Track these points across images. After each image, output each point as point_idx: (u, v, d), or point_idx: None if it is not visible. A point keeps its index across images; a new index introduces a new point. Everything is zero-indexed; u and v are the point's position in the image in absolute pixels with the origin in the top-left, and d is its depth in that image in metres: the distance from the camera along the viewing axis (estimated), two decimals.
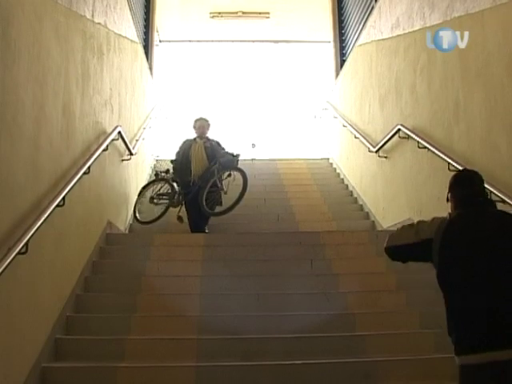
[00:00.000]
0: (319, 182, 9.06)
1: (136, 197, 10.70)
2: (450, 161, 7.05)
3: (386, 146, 9.64)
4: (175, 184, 10.39)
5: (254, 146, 10.08)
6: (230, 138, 16.95)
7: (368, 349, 5.89)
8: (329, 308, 6.60)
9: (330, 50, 15.85)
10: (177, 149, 10.59)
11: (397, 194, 8.29)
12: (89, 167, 6.95)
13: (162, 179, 10.68)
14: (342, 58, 15.02)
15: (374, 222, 10.32)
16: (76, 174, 6.52)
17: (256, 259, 7.63)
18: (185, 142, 10.47)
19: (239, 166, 9.99)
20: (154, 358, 5.73)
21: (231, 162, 10.03)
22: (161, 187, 10.58)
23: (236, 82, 18.22)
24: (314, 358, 5.68)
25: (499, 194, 5.87)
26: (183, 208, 10.15)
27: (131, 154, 10.05)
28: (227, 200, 9.71)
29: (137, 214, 10.34)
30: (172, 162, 10.59)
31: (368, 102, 11.15)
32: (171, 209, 10.23)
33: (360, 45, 12.45)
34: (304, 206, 10.55)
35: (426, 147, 7.85)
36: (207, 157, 10.06)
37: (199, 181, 9.84)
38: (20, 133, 5.19)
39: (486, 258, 3.57)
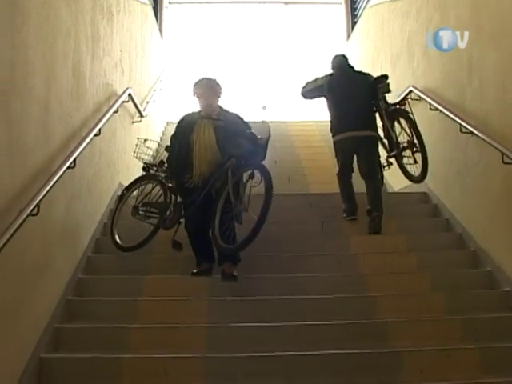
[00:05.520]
0: (330, 143, 8.97)
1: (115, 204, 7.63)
2: (461, 122, 7.00)
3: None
4: (170, 188, 6.85)
5: (264, 108, 9.80)
6: (240, 101, 16.93)
7: (379, 310, 5.91)
8: (340, 269, 6.61)
9: (341, 12, 15.70)
10: (173, 129, 7.06)
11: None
12: (99, 129, 6.92)
13: (153, 177, 7.10)
14: (353, 20, 14.90)
15: (385, 184, 10.28)
16: (87, 135, 6.50)
17: (266, 221, 7.62)
18: (183, 120, 6.86)
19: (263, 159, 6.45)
20: (166, 318, 5.75)
21: (251, 152, 6.26)
22: (149, 191, 7.07)
23: (246, 44, 18.08)
24: (325, 319, 5.69)
25: None
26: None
27: (142, 116, 10.01)
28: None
29: (115, 235, 6.99)
30: (167, 149, 6.93)
31: (380, 64, 11.06)
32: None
33: (371, 6, 12.33)
34: (315, 168, 10.51)
35: (437, 109, 7.79)
36: (219, 144, 6.48)
37: (206, 185, 6.35)
38: (30, 94, 5.17)
39: (348, 90, 7.74)
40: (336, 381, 4.96)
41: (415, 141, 7.44)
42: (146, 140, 7.35)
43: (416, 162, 7.54)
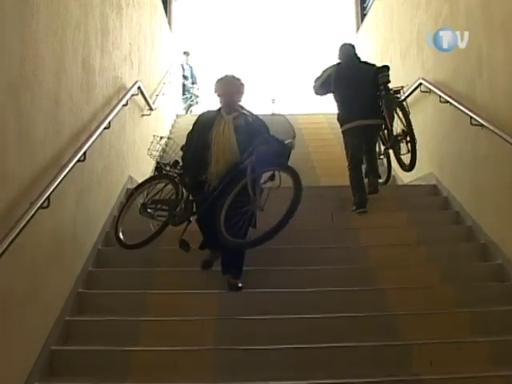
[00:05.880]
0: (339, 136, 8.99)
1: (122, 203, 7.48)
2: (471, 114, 6.97)
3: (407, 100, 9.54)
4: (183, 183, 6.66)
5: (273, 101, 9.77)
6: (249, 94, 16.96)
7: (388, 302, 5.90)
8: (349, 262, 6.61)
9: (350, 4, 15.66)
10: (190, 127, 6.75)
11: (418, 148, 8.22)
12: (109, 122, 6.94)
13: (165, 176, 6.92)
14: (362, 12, 14.83)
15: (394, 176, 10.27)
16: (97, 128, 6.52)
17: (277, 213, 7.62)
18: (202, 118, 6.64)
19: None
20: (176, 311, 5.77)
21: (276, 154, 6.13)
22: (160, 189, 6.91)
23: (255, 36, 18.10)
24: (335, 311, 5.70)
25: None
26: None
27: (151, 109, 10.03)
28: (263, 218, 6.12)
29: (119, 232, 6.82)
30: (182, 148, 6.70)
31: (389, 56, 11.02)
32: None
33: None
34: (325, 161, 10.49)
35: (447, 101, 7.77)
36: (239, 144, 6.24)
37: (220, 184, 6.14)
38: (40, 87, 5.19)
39: (355, 80, 7.93)
40: (346, 373, 4.96)
41: (407, 130, 7.84)
42: (161, 138, 7.21)
43: (409, 151, 7.88)
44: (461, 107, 7.30)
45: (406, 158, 8.08)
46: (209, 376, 5.02)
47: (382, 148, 8.47)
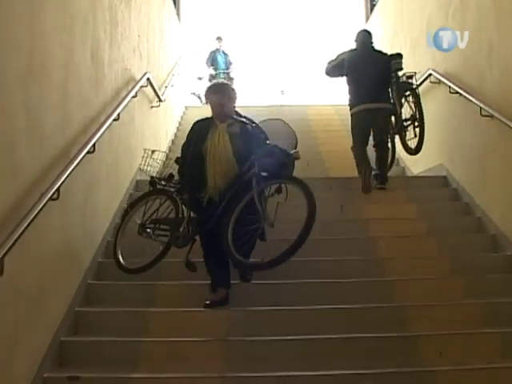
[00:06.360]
0: (349, 127, 9.00)
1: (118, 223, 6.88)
2: (482, 105, 6.96)
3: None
4: (183, 201, 6.16)
5: (282, 92, 9.76)
6: (258, 85, 16.90)
7: (398, 294, 5.90)
8: (359, 253, 6.60)
9: None
10: (185, 138, 6.27)
11: (428, 139, 8.21)
12: (118, 114, 6.94)
13: (162, 192, 6.39)
14: (371, 3, 14.77)
15: (404, 168, 10.27)
16: (106, 120, 6.52)
17: (286, 205, 7.61)
18: (195, 127, 6.13)
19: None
20: (185, 302, 5.78)
21: (280, 165, 5.74)
22: (158, 207, 6.35)
23: (264, 27, 18.04)
24: (345, 303, 5.70)
25: None
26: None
27: (160, 100, 10.02)
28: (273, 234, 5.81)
29: (118, 255, 6.33)
30: (177, 161, 6.25)
31: (399, 47, 10.96)
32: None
33: None
34: (333, 152, 10.48)
35: (457, 92, 7.74)
36: (235, 153, 5.83)
37: (223, 198, 5.70)
38: (49, 80, 5.20)
39: (367, 67, 8.20)
40: (355, 365, 4.95)
41: (417, 115, 8.04)
42: (153, 151, 6.63)
43: (415, 135, 8.09)
44: (471, 98, 7.28)
45: (413, 143, 8.24)
46: (219, 367, 5.03)
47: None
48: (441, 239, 6.87)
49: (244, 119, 6.00)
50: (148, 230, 6.32)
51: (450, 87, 8.01)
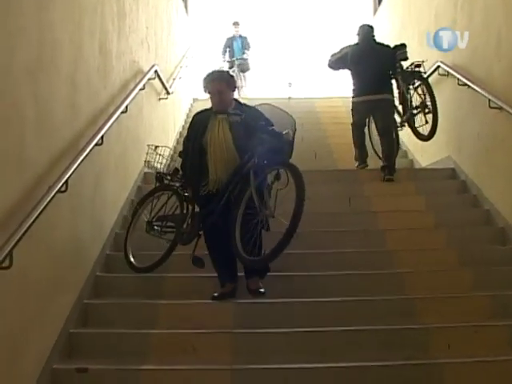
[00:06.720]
0: None
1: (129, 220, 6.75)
2: (490, 97, 6.93)
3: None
4: (186, 198, 6.10)
5: (290, 84, 9.78)
6: (266, 77, 16.88)
7: (407, 286, 5.90)
8: (367, 245, 6.60)
9: None
10: (186, 131, 6.42)
11: (436, 132, 8.20)
12: (126, 106, 6.94)
13: (167, 187, 6.35)
14: None
15: (412, 160, 10.25)
16: (114, 112, 6.52)
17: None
18: (195, 120, 6.11)
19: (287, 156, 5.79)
20: (194, 294, 5.78)
21: (275, 150, 5.57)
22: (164, 203, 6.32)
23: (272, 19, 18.00)
24: (353, 295, 5.71)
25: None
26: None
27: (168, 92, 10.02)
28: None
29: (129, 254, 6.27)
30: (180, 155, 6.22)
31: (407, 39, 10.91)
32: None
33: None
34: (342, 145, 10.44)
35: (466, 84, 7.72)
36: (236, 143, 5.72)
37: (225, 191, 5.61)
38: (57, 72, 5.20)
39: (369, 60, 8.36)
40: (364, 357, 4.95)
41: (427, 102, 8.15)
42: (157, 147, 6.50)
43: (427, 122, 8.20)
44: (479, 90, 7.26)
45: (424, 129, 8.35)
46: (228, 359, 5.04)
47: (398, 121, 8.81)
48: (449, 232, 6.87)
49: (245, 107, 5.94)
50: (155, 227, 6.29)
51: (458, 79, 7.98)
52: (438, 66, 8.78)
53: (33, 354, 4.53)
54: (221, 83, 5.88)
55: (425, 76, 8.31)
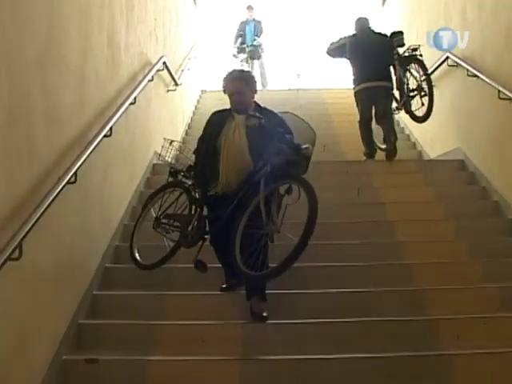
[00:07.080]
0: None
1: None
2: (500, 88, 6.90)
3: (433, 75, 9.45)
4: (195, 199, 5.81)
5: (298, 76, 9.80)
6: (274, 68, 16.84)
7: (416, 277, 5.89)
8: (376, 236, 6.60)
9: None
10: (201, 122, 6.28)
11: (445, 123, 8.19)
12: (135, 97, 6.95)
13: (179, 184, 6.07)
14: None
15: (420, 151, 10.22)
16: (122, 104, 6.53)
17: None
18: (212, 120, 5.82)
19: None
20: (203, 285, 5.79)
21: (291, 163, 5.26)
22: (174, 201, 6.03)
23: (280, 10, 17.94)
24: (362, 286, 5.71)
25: None
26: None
27: (176, 84, 10.02)
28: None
29: (134, 250, 6.08)
30: (194, 152, 5.93)
31: (415, 29, 10.90)
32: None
33: None
34: (350, 136, 10.42)
35: (475, 75, 7.69)
36: (251, 148, 5.45)
37: (234, 197, 5.32)
38: (66, 64, 5.21)
39: (368, 49, 8.62)
40: (373, 348, 4.95)
41: (423, 85, 8.37)
42: (172, 141, 6.19)
43: (423, 104, 8.40)
44: (489, 81, 7.23)
45: (421, 112, 8.57)
46: (236, 350, 5.04)
47: (394, 106, 9.04)
48: (458, 223, 6.86)
49: (265, 111, 5.64)
50: (163, 225, 6.04)
51: (467, 70, 7.94)
52: (447, 57, 8.74)
53: (42, 345, 4.55)
54: (240, 83, 5.64)
55: (417, 57, 8.43)
